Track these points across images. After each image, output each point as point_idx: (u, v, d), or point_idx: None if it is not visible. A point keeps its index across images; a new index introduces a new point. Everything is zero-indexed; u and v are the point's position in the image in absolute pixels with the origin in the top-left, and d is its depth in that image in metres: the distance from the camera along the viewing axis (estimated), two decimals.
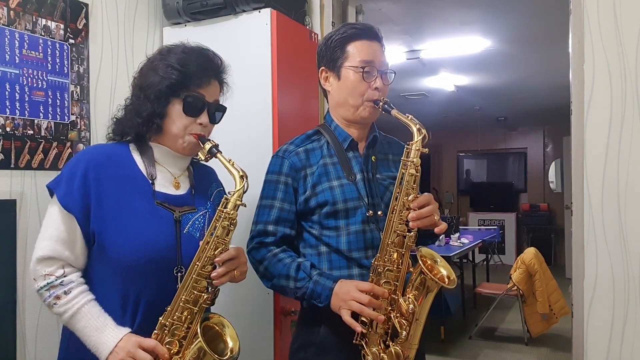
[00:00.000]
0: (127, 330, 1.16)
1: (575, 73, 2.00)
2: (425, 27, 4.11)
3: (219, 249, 1.16)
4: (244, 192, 1.18)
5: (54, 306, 1.17)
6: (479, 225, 8.61)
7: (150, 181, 1.25)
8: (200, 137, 1.26)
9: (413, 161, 1.30)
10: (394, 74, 1.46)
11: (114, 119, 1.32)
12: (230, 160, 1.21)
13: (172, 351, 1.14)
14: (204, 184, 1.39)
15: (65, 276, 1.17)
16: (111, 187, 1.20)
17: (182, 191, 1.31)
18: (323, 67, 1.48)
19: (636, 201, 1.90)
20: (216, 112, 1.32)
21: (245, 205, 1.18)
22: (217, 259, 1.16)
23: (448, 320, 4.81)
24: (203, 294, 1.16)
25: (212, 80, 1.30)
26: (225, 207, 1.17)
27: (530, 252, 4.40)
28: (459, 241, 5.36)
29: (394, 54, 4.74)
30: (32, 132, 1.77)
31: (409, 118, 1.34)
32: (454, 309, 5.29)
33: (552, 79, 5.41)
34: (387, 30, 4.06)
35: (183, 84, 1.24)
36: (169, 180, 1.30)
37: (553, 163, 8.66)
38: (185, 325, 1.15)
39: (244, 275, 1.26)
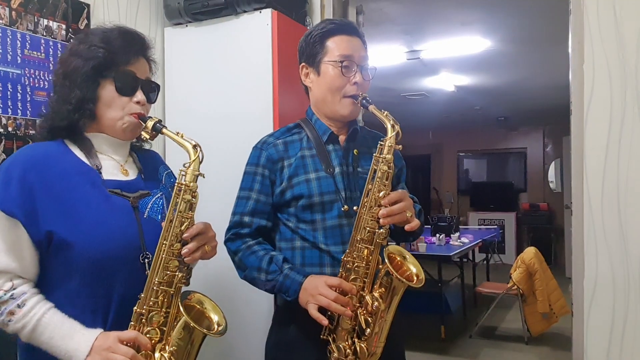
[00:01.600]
0: (99, 330, 1.08)
1: (575, 73, 2.00)
2: (426, 27, 4.11)
3: (185, 225, 1.10)
4: (200, 161, 1.12)
5: (9, 324, 1.06)
6: (479, 225, 8.61)
7: (97, 171, 1.17)
8: (141, 116, 1.19)
9: (386, 157, 1.29)
10: (374, 70, 1.46)
11: (40, 117, 1.23)
12: (178, 132, 1.13)
13: (153, 341, 1.08)
14: (152, 168, 1.33)
15: (14, 289, 1.07)
16: (58, 184, 1.11)
17: (131, 177, 1.24)
18: (303, 63, 1.48)
19: (636, 201, 1.91)
20: (150, 92, 1.23)
21: (204, 176, 1.13)
22: (185, 235, 1.10)
23: (448, 319, 4.81)
24: (176, 274, 1.10)
25: (139, 56, 1.22)
26: (183, 180, 1.11)
27: (530, 252, 4.40)
28: (459, 240, 5.36)
29: (395, 54, 4.74)
30: (34, 132, 1.78)
31: (385, 114, 1.32)
32: (454, 308, 5.29)
33: (552, 79, 5.41)
34: (388, 30, 4.07)
35: (110, 62, 1.16)
36: (115, 167, 1.22)
37: (553, 163, 8.66)
38: (164, 309, 1.09)
39: (215, 251, 1.20)
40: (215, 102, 2.14)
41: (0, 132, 1.68)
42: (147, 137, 1.15)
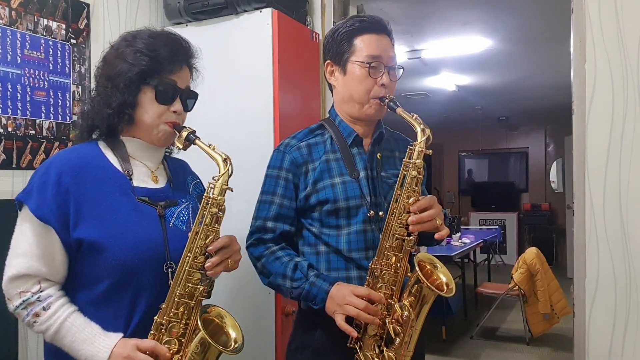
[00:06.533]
0: (119, 335, 1.10)
1: (576, 73, 1.99)
2: (427, 26, 4.11)
3: (210, 238, 1.12)
4: (230, 175, 1.13)
5: (34, 325, 1.09)
6: (480, 225, 8.59)
7: (128, 177, 1.18)
8: (176, 125, 1.21)
9: (415, 163, 1.25)
10: (402, 70, 1.41)
11: (81, 114, 1.24)
12: (210, 145, 1.15)
13: (172, 351, 1.09)
14: (180, 177, 1.34)
15: (42, 291, 1.09)
16: (90, 190, 1.12)
17: (160, 184, 1.25)
18: (329, 61, 1.43)
19: (638, 201, 1.90)
20: (188, 99, 1.25)
21: (232, 190, 1.14)
22: (209, 248, 1.11)
23: (449, 320, 4.81)
24: (198, 287, 1.11)
25: (183, 65, 1.23)
26: (211, 193, 1.12)
27: (531, 252, 4.39)
28: (460, 241, 5.35)
29: (395, 53, 4.74)
30: (33, 132, 1.77)
31: (414, 117, 1.29)
32: (456, 309, 5.29)
33: (554, 79, 5.40)
34: None
35: (154, 70, 1.17)
36: (146, 174, 1.24)
37: (554, 163, 8.65)
38: (183, 321, 1.10)
39: (237, 264, 1.20)
40: (215, 101, 2.13)
41: (0, 132, 1.68)
42: (180, 146, 1.17)
